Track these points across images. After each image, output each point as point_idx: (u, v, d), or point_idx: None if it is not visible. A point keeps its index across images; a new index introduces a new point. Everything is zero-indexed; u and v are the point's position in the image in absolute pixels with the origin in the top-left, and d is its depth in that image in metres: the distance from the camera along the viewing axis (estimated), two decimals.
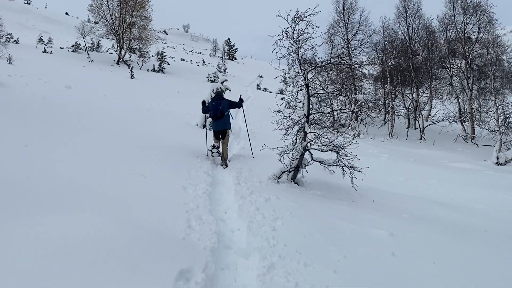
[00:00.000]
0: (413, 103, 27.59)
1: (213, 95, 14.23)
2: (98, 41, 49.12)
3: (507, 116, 21.75)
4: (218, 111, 9.70)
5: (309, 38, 7.47)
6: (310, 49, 7.61)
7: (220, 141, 9.87)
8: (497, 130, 20.46)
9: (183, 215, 5.07)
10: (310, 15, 7.35)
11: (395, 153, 17.36)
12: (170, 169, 7.42)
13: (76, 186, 5.30)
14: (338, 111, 8.39)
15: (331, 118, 25.19)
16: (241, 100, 10.38)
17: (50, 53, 38.93)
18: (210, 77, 43.17)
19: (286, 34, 7.57)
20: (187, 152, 9.38)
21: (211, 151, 9.47)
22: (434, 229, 5.83)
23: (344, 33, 29.77)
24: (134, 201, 5.18)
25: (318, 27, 7.37)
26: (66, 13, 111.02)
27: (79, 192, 5.11)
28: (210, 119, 14.34)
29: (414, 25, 29.17)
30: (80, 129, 9.10)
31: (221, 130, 9.84)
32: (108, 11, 43.28)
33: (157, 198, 5.50)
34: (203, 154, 9.60)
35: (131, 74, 31.44)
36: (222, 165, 9.18)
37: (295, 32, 7.52)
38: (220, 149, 9.83)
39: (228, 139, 10.01)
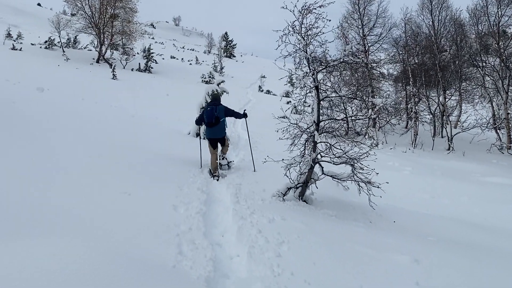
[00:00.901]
0: (439, 108, 27.56)
1: (207, 99, 14.32)
2: (75, 36, 49.49)
3: None
4: (213, 117, 9.87)
5: (319, 33, 7.50)
6: (320, 45, 7.64)
7: (219, 149, 10.25)
8: None
9: (174, 240, 5.07)
10: (320, 6, 7.36)
11: (419, 166, 17.33)
12: (158, 185, 7.43)
13: (45, 207, 5.25)
14: (353, 117, 8.41)
15: (345, 125, 25.22)
16: (244, 115, 10.52)
17: (20, 50, 39.15)
18: (205, 78, 43.37)
19: (293, 28, 7.60)
20: (178, 165, 9.39)
21: (212, 175, 9.63)
22: (464, 255, 5.81)
23: (360, 26, 29.88)
24: (116, 224, 5.16)
25: (330, 20, 7.39)
26: (39, 4, 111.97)
27: (48, 214, 5.03)
28: (204, 126, 14.41)
29: (440, 17, 29.18)
30: (53, 139, 9.11)
31: (217, 138, 10.10)
32: (87, 2, 43.53)
33: (143, 220, 5.49)
34: (196, 167, 9.61)
35: (113, 74, 31.59)
36: (221, 158, 9.98)
37: (302, 26, 7.56)
38: (219, 152, 10.31)
39: (228, 144, 10.56)
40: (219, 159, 10.36)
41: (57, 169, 6.84)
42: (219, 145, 10.37)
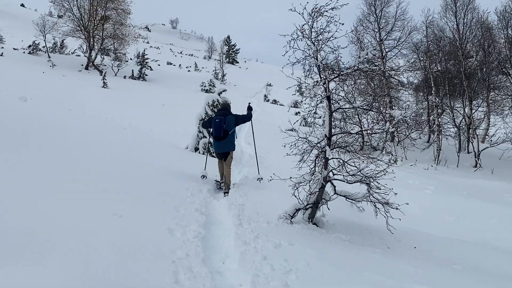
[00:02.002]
0: (465, 120, 27.52)
1: (207, 110, 14.39)
2: (62, 41, 49.85)
3: None
4: (221, 130, 10.15)
5: (331, 38, 7.53)
6: (333, 51, 7.67)
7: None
8: None
9: (169, 267, 5.05)
10: (332, 8, 7.39)
11: (443, 185, 17.26)
12: (152, 205, 7.42)
13: (23, 231, 5.22)
14: (369, 131, 8.37)
15: (360, 139, 25.22)
16: (250, 109, 10.71)
17: (1, 55, 39.41)
18: (205, 86, 43.59)
19: (302, 33, 7.64)
20: (174, 183, 9.39)
21: (219, 185, 9.85)
22: (494, 285, 5.76)
23: (376, 30, 30.03)
24: (105, 249, 5.13)
25: (343, 24, 7.42)
26: (22, 5, 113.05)
27: (25, 239, 4.99)
28: (204, 140, 14.46)
29: (465, 20, 29.21)
30: (36, 153, 9.12)
31: (223, 152, 10.43)
32: (75, 3, 43.66)
33: (135, 245, 5.47)
34: (194, 186, 9.61)
35: (104, 82, 31.77)
36: (223, 192, 9.95)
37: (313, 30, 7.60)
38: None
39: (231, 161, 10.59)
40: (222, 185, 10.50)
41: (39, 188, 6.82)
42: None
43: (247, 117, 10.75)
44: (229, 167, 10.57)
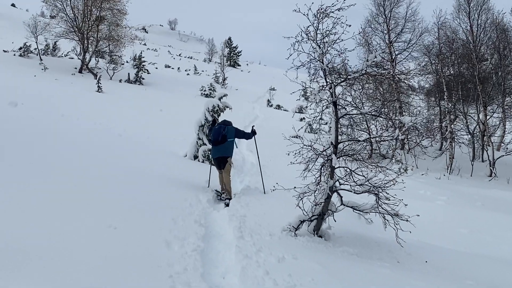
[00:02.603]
0: (479, 127, 27.47)
1: (207, 115, 14.44)
2: (55, 42, 49.81)
3: None
4: (219, 135, 10.60)
5: (338, 40, 7.55)
6: (339, 54, 7.68)
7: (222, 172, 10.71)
8: None
9: (166, 282, 5.04)
10: (338, 9, 7.41)
11: (456, 195, 17.22)
12: (149, 216, 7.41)
13: (11, 245, 5.22)
14: (377, 138, 8.36)
15: (368, 147, 25.20)
16: (253, 133, 11.25)
17: None
18: (205, 91, 43.68)
19: (307, 35, 7.65)
20: (172, 193, 9.39)
21: (220, 196, 9.99)
22: None
23: (385, 32, 30.07)
24: (99, 263, 5.13)
25: (350, 25, 7.43)
26: (13, 5, 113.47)
27: (13, 253, 4.99)
28: (204, 147, 14.49)
29: (479, 21, 29.19)
30: (27, 160, 9.13)
31: (220, 157, 10.64)
32: (68, 3, 43.62)
33: (130, 258, 5.47)
34: (193, 196, 9.61)
35: (98, 86, 31.82)
36: (224, 202, 10.08)
37: (318, 32, 7.61)
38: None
39: (230, 169, 10.77)
40: (223, 196, 10.61)
41: (26, 198, 6.82)
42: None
43: (247, 135, 11.22)
44: (228, 174, 10.75)
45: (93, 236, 5.92)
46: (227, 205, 10.00)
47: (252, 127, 11.55)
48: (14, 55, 44.85)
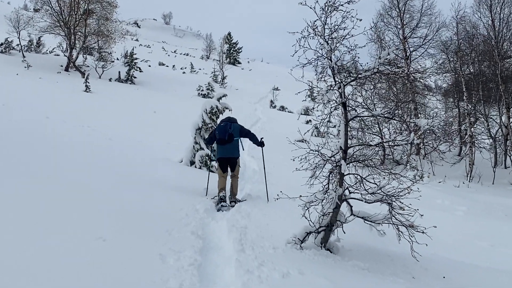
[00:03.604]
0: (502, 130, 27.43)
1: (205, 117, 14.46)
2: (39, 38, 49.97)
3: None
4: (226, 134, 10.65)
5: (347, 36, 7.54)
6: (349, 51, 7.68)
7: (228, 174, 10.91)
8: None
9: None
10: (348, 2, 7.41)
11: (476, 205, 17.20)
12: (141, 227, 7.42)
13: None
14: (391, 143, 8.30)
15: (380, 152, 25.16)
16: (261, 144, 11.35)
17: None
18: (202, 90, 43.70)
19: (314, 30, 7.65)
20: (166, 202, 9.40)
21: (219, 203, 10.06)
22: None
23: (399, 27, 30.04)
24: (87, 278, 5.12)
25: (360, 20, 7.42)
26: None
27: None
28: (201, 152, 14.50)
29: (502, 15, 29.04)
30: (8, 166, 9.13)
31: (229, 157, 10.81)
32: None
33: (121, 273, 5.46)
34: (190, 205, 9.61)
35: (86, 85, 31.88)
36: (230, 204, 10.28)
37: (326, 27, 7.61)
38: (228, 185, 10.79)
39: (239, 170, 11.06)
40: (228, 201, 10.72)
41: (8, 207, 6.83)
42: (229, 169, 11.00)
43: (254, 138, 11.27)
44: (237, 178, 10.99)
45: (81, 249, 5.90)
46: (233, 202, 10.42)
47: (261, 139, 11.56)
48: None
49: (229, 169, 11.00)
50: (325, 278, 6.39)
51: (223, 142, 10.67)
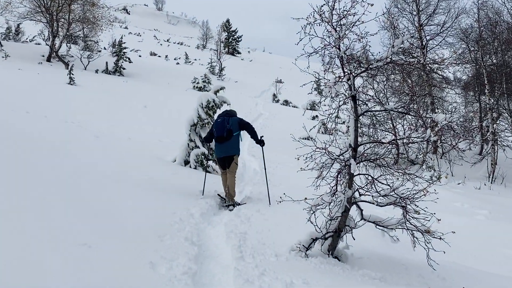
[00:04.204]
0: None
1: (201, 112, 14.45)
2: (18, 25, 49.97)
3: None
4: (224, 130, 10.72)
5: (357, 23, 7.52)
6: (359, 39, 7.64)
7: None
8: None
9: None
10: None
11: (499, 209, 17.20)
12: (131, 232, 7.41)
13: None
14: (405, 140, 8.29)
15: (394, 150, 25.14)
16: (261, 142, 11.39)
17: None
18: (198, 83, 43.68)
19: (320, 15, 7.63)
20: (158, 205, 9.39)
21: (224, 203, 10.28)
22: None
23: (415, 12, 29.97)
24: None
25: (372, 4, 7.40)
26: None
27: None
28: (196, 150, 14.51)
29: None
30: None
31: (224, 157, 10.96)
32: None
33: (107, 285, 5.45)
34: (183, 208, 9.60)
35: (70, 77, 31.85)
36: (228, 207, 10.57)
37: (334, 12, 7.59)
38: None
39: (236, 169, 11.09)
40: (226, 202, 11.02)
41: None
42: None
43: (254, 133, 11.25)
44: (233, 176, 11.00)
45: (63, 256, 5.87)
46: (232, 205, 10.63)
47: (261, 137, 11.55)
48: None
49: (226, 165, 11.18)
50: None
51: (221, 139, 10.71)
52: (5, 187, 7.78)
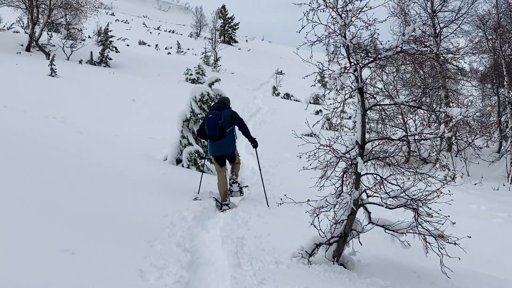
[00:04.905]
0: None
1: (194, 107, 14.43)
2: None
3: None
4: (216, 128, 10.65)
5: (365, 9, 7.51)
6: (367, 27, 7.63)
7: (228, 166, 11.38)
8: None
9: None
10: None
11: None
12: (118, 238, 7.41)
13: None
14: (417, 137, 8.27)
15: (404, 148, 25.15)
16: (255, 143, 11.40)
17: None
18: (191, 75, 43.66)
19: (324, 1, 7.62)
20: (147, 208, 9.40)
21: (221, 208, 10.28)
22: None
23: None
24: None
25: None
26: None
27: None
28: (190, 148, 14.52)
29: None
30: None
31: (220, 156, 11.07)
32: None
33: None
34: (175, 211, 9.60)
35: (52, 68, 31.69)
36: (230, 185, 11.08)
37: None
38: (228, 172, 11.33)
39: (239, 159, 11.61)
40: (229, 183, 11.16)
41: None
42: (227, 161, 11.32)
43: (246, 130, 11.22)
44: (239, 164, 11.55)
45: (44, 263, 5.87)
46: (241, 192, 11.30)
47: (254, 138, 11.51)
48: None
49: (227, 162, 11.29)
50: None
51: (213, 138, 10.68)
52: None
